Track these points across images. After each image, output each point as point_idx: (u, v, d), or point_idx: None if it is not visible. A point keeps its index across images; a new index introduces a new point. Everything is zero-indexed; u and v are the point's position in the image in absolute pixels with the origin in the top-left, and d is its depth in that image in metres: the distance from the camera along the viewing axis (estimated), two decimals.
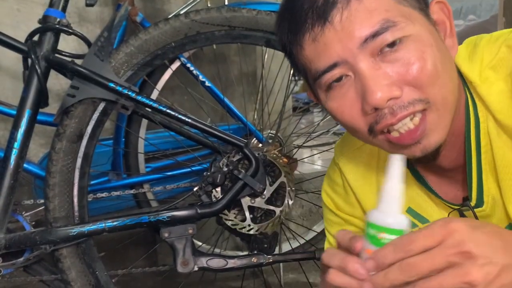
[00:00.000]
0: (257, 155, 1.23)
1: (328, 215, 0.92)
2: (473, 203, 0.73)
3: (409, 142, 0.63)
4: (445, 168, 0.74)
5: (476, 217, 0.73)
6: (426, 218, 0.80)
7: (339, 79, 0.63)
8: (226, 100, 1.57)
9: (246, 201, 1.23)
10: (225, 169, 1.21)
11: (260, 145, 1.53)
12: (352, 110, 0.64)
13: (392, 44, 0.60)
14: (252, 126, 1.59)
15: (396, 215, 0.57)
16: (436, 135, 0.63)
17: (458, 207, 0.75)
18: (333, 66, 0.62)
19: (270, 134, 1.67)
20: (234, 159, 1.22)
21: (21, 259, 1.16)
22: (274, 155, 1.28)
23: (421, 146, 0.63)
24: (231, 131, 1.34)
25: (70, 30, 1.16)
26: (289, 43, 0.67)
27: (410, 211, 0.81)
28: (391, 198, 0.57)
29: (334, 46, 0.61)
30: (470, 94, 0.69)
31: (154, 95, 1.55)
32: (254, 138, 1.57)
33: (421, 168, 0.77)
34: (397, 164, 0.57)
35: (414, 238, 0.51)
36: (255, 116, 1.83)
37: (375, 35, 0.59)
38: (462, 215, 0.76)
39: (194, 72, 1.55)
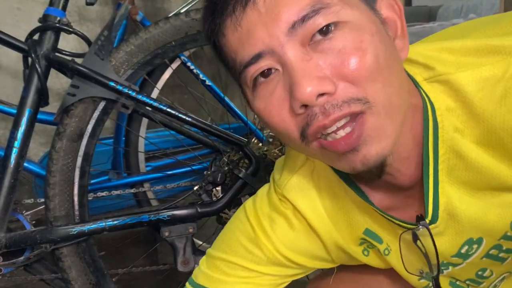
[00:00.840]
0: (257, 154, 1.23)
1: (239, 234, 0.75)
2: (428, 219, 0.63)
3: (345, 149, 0.53)
4: (402, 186, 0.64)
5: (432, 237, 0.64)
6: (380, 237, 0.71)
7: (265, 74, 0.54)
8: (226, 99, 1.57)
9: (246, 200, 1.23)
10: (226, 168, 1.21)
11: (261, 144, 1.53)
12: (281, 111, 0.54)
13: (325, 31, 0.51)
14: (252, 125, 1.59)
15: None
16: (378, 144, 0.53)
17: (413, 226, 0.64)
18: (258, 56, 0.53)
19: (270, 133, 1.67)
20: (235, 158, 1.22)
21: (22, 258, 1.16)
22: (275, 154, 1.28)
23: (361, 156, 0.53)
24: (231, 130, 1.34)
25: (71, 29, 1.16)
26: (212, 32, 0.58)
27: (367, 232, 0.71)
28: None
29: (258, 32, 0.52)
30: (427, 96, 0.60)
31: (155, 94, 1.55)
32: (255, 137, 1.57)
33: (368, 185, 0.67)
34: None
35: None
36: (256, 115, 1.83)
37: (304, 18, 0.51)
38: (415, 235, 0.65)
39: (195, 71, 1.55)
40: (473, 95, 0.57)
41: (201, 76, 1.56)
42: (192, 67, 1.54)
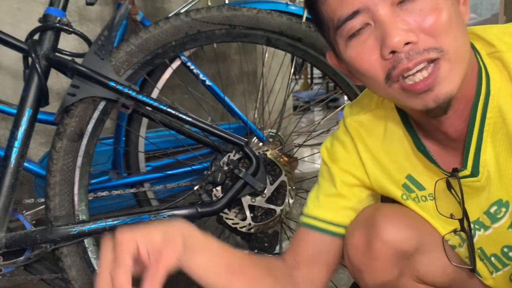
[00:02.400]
0: (257, 154, 1.23)
1: (321, 169, 0.94)
2: (468, 171, 0.76)
3: (423, 88, 0.66)
4: (450, 136, 0.76)
5: (461, 188, 0.76)
6: (423, 185, 0.84)
7: (359, 29, 0.68)
8: (226, 99, 1.58)
9: (246, 200, 1.23)
10: (226, 168, 1.21)
11: (261, 144, 1.53)
12: (371, 57, 0.68)
13: None
14: (252, 125, 1.59)
15: None
16: (448, 84, 0.66)
17: (448, 175, 0.77)
18: (356, 13, 0.67)
19: (270, 133, 1.67)
20: (235, 158, 1.22)
21: (22, 258, 1.16)
22: (275, 154, 1.28)
23: (433, 95, 0.66)
24: (231, 130, 1.34)
25: (71, 29, 1.16)
26: None
27: (409, 177, 0.85)
28: None
29: None
30: (484, 66, 0.73)
31: (155, 94, 1.55)
32: (255, 137, 1.57)
33: (424, 136, 0.80)
34: None
35: None
36: (256, 115, 1.83)
37: None
38: (448, 184, 0.78)
39: (195, 71, 1.55)
40: None
41: (201, 76, 1.56)
42: (192, 67, 1.54)
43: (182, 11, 1.50)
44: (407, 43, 0.64)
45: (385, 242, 0.83)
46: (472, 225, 0.81)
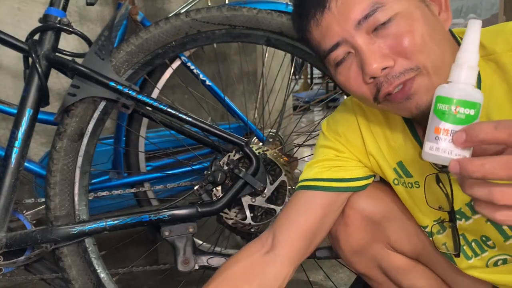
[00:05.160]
0: (257, 153, 1.23)
1: (320, 141, 0.98)
2: None
3: (402, 97, 0.71)
4: None
5: (450, 183, 0.81)
6: (410, 173, 0.90)
7: (343, 57, 0.74)
8: (226, 99, 1.58)
9: (246, 200, 1.23)
10: (226, 168, 1.21)
11: (261, 143, 1.53)
12: (357, 81, 0.74)
13: (383, 23, 0.69)
14: (252, 125, 1.59)
15: (472, 87, 0.51)
16: (426, 94, 0.70)
17: (438, 170, 0.82)
18: (337, 45, 0.73)
19: (270, 133, 1.67)
20: (235, 158, 1.22)
21: (22, 257, 1.16)
22: (275, 154, 1.29)
23: (414, 103, 0.71)
24: (231, 130, 1.34)
25: (71, 29, 1.16)
26: (300, 30, 0.80)
27: (399, 164, 0.91)
28: (465, 70, 0.53)
29: (334, 28, 0.72)
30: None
31: (155, 94, 1.55)
32: (255, 137, 1.58)
33: (420, 128, 0.85)
34: (474, 31, 0.53)
35: None
36: (256, 115, 1.83)
37: (366, 16, 0.69)
38: (438, 178, 0.83)
39: (195, 71, 1.55)
40: None
41: (201, 76, 1.56)
42: (192, 67, 1.55)
43: (182, 11, 1.51)
44: (385, 68, 0.69)
45: (355, 209, 0.96)
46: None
